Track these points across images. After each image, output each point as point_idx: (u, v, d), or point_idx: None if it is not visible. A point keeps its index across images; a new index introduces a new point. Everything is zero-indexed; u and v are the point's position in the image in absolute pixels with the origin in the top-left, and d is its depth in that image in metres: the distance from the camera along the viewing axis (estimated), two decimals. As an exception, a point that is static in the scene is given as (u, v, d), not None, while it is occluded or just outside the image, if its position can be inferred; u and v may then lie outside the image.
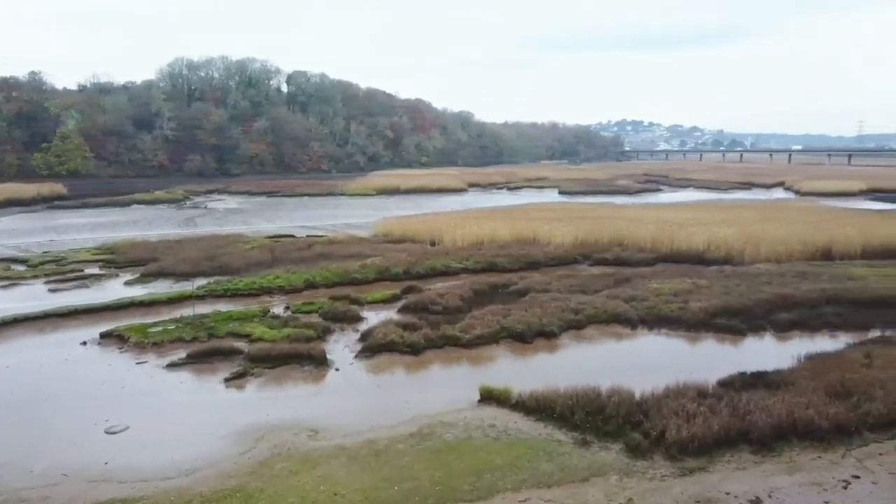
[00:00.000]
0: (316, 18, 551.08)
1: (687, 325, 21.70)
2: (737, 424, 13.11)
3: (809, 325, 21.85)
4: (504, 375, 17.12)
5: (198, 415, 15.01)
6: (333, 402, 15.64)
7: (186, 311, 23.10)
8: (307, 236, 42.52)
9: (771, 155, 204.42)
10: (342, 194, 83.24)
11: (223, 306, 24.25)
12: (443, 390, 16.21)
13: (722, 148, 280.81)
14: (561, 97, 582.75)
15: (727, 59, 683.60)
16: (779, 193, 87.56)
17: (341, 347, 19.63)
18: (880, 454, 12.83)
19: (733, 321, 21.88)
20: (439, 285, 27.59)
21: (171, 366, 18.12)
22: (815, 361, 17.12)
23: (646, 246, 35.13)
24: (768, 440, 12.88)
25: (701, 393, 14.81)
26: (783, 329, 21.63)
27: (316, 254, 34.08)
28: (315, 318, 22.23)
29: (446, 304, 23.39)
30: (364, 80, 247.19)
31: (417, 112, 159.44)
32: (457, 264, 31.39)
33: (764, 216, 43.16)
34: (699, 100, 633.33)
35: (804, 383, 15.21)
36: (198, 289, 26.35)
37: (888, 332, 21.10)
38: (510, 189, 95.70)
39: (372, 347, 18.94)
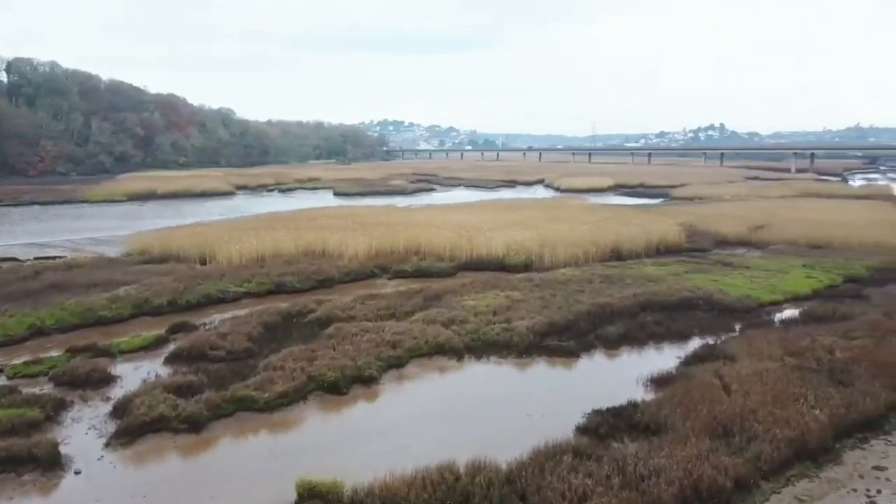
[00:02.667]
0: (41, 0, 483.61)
1: (517, 349, 19.16)
2: (637, 501, 10.44)
3: (636, 339, 20.48)
4: (323, 450, 13.04)
5: None
6: (73, 536, 10.37)
7: None
8: (35, 259, 33.91)
9: (524, 153, 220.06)
10: (84, 201, 71.23)
11: None
12: (242, 490, 11.64)
13: (477, 147, 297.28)
14: (324, 96, 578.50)
15: (478, 64, 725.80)
16: (541, 190, 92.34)
17: (84, 432, 13.89)
18: (785, 511, 10.99)
19: (563, 340, 19.80)
20: (217, 318, 22.43)
21: None
22: (670, 389, 15.26)
23: (444, 254, 32.71)
24: (675, 516, 10.39)
25: (576, 452, 12.02)
26: (612, 345, 20.00)
27: (47, 284, 26.47)
28: (43, 387, 16.05)
29: (231, 347, 18.43)
30: (106, 71, 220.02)
31: (172, 108, 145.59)
32: (237, 288, 26.20)
33: (550, 216, 43.20)
34: (453, 101, 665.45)
35: (679, 424, 13.16)
36: None
37: (707, 338, 20.49)
38: (282, 191, 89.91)
39: (131, 429, 13.57)
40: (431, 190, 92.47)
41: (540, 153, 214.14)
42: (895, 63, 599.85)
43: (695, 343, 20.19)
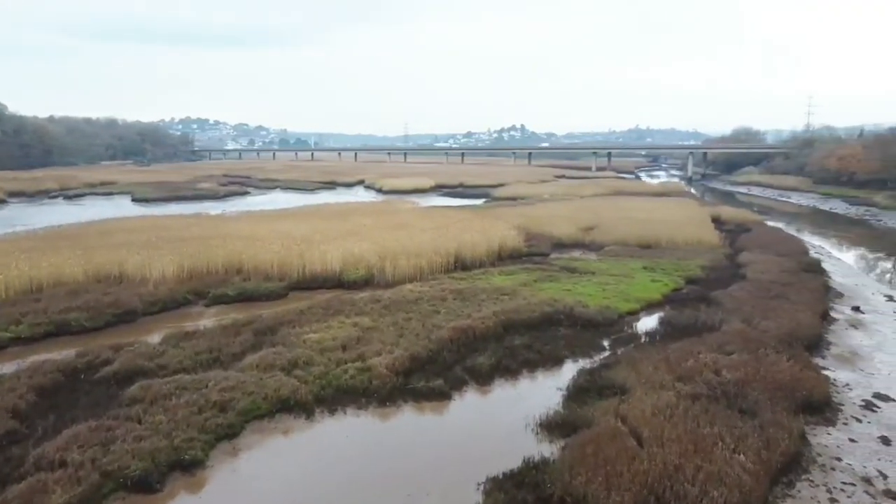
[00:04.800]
0: None
1: (378, 396, 15.87)
2: None
3: (509, 369, 17.98)
4: None
5: None
6: None
7: None
8: None
9: (339, 153, 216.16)
10: None
11: None
12: None
13: (290, 147, 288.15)
14: (118, 91, 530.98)
15: (288, 61, 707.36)
16: (362, 192, 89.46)
17: None
18: None
19: (429, 378, 16.79)
20: (-31, 381, 16.71)
21: None
22: (577, 444, 12.74)
23: (272, 271, 28.44)
24: None
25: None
26: (484, 380, 17.33)
27: None
28: None
29: (-15, 431, 13.29)
30: None
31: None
32: (1, 332, 20.23)
33: (385, 223, 40.16)
34: (262, 100, 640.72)
35: (602, 496, 10.66)
36: None
37: (581, 361, 18.67)
38: (68, 198, 78.50)
39: None
40: (246, 193, 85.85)
41: (356, 153, 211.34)
42: (666, 71, 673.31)
43: (570, 368, 18.24)
